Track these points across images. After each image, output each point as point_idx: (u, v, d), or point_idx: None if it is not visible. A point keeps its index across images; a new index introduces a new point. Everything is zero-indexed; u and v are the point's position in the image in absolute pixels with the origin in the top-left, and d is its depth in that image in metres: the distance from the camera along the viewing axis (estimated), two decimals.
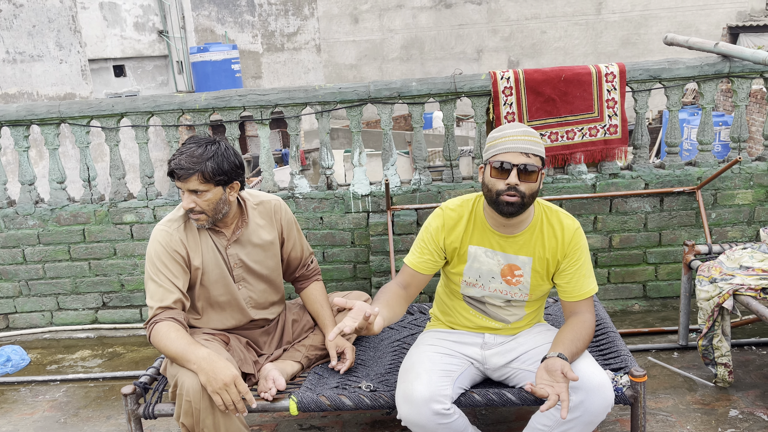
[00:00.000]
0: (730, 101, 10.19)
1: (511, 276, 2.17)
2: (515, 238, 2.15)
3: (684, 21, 17.61)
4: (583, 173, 3.74)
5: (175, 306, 2.21)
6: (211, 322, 2.40)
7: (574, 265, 2.14)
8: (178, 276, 2.25)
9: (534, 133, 2.05)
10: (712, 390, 2.81)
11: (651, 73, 3.60)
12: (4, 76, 8.93)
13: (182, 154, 2.19)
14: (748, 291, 2.60)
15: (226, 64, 13.31)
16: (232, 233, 2.38)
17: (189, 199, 2.21)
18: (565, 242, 2.14)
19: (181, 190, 2.23)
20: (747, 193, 3.70)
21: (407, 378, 2.07)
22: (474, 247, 2.18)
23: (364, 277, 3.93)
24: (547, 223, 2.17)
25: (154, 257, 2.26)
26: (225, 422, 2.07)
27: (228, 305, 2.40)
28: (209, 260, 2.33)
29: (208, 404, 2.03)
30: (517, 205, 2.03)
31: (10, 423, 3.01)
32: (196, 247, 2.31)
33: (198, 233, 2.32)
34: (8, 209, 4.00)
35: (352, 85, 3.73)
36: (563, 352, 1.96)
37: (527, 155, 2.00)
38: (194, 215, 2.24)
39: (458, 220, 2.20)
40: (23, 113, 3.86)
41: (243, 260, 2.39)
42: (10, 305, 4.13)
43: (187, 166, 2.17)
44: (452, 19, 20.56)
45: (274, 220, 2.47)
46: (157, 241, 2.27)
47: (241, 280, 2.41)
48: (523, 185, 2.01)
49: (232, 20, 14.85)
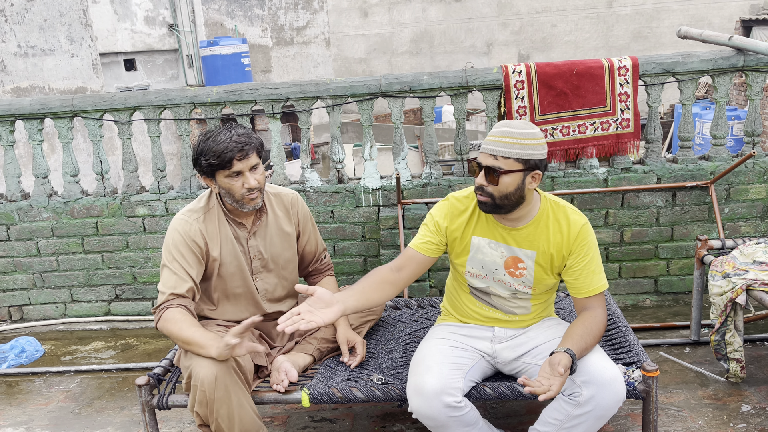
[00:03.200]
0: (743, 95, 10.09)
1: (515, 268, 2.17)
2: (519, 230, 2.15)
3: (696, 14, 17.43)
4: (594, 167, 3.73)
5: (187, 295, 2.23)
6: (226, 314, 2.42)
7: (582, 262, 2.13)
8: (193, 266, 2.26)
9: (518, 134, 2.01)
10: (724, 385, 2.80)
11: (664, 67, 3.58)
12: (16, 70, 8.98)
13: (229, 139, 2.17)
14: (761, 286, 2.58)
15: (235, 58, 13.31)
16: (252, 224, 2.39)
17: (252, 177, 2.22)
18: (571, 238, 2.13)
19: (231, 178, 2.20)
20: (761, 188, 3.67)
21: (418, 371, 2.08)
22: (478, 238, 2.19)
23: None
24: (553, 218, 2.15)
25: (171, 245, 2.27)
26: (239, 412, 2.09)
27: (243, 297, 2.42)
28: (228, 252, 2.34)
29: (222, 394, 2.05)
30: (488, 205, 2.08)
31: (24, 413, 3.05)
32: (216, 239, 2.32)
33: (218, 224, 2.33)
34: (22, 202, 4.04)
35: (363, 78, 3.73)
36: (572, 348, 1.96)
37: (495, 157, 2.02)
38: (253, 194, 2.24)
39: (463, 210, 2.21)
40: (37, 107, 3.89)
41: (262, 252, 2.41)
42: (25, 297, 4.17)
43: (245, 141, 2.18)
44: (462, 13, 20.45)
45: (291, 213, 2.49)
46: (176, 230, 2.28)
47: (259, 272, 2.42)
48: (491, 186, 2.04)
49: (241, 14, 14.85)
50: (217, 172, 2.22)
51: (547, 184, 3.72)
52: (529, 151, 2.01)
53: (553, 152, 3.67)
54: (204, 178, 2.29)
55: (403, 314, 2.89)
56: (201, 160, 2.22)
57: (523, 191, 2.05)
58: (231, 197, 2.27)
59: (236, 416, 2.08)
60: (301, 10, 15.87)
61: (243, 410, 2.10)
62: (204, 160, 2.21)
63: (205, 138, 2.24)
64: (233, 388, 2.07)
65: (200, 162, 2.23)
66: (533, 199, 2.14)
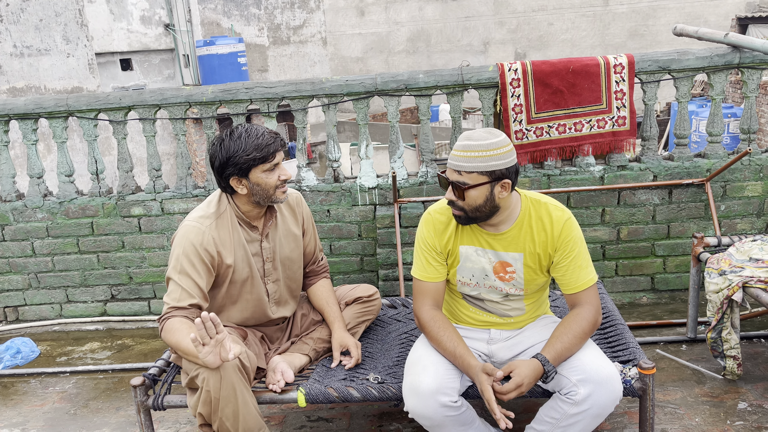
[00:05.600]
0: (739, 93, 10.10)
1: (504, 273, 2.16)
2: (503, 235, 2.13)
3: (692, 12, 17.45)
4: (591, 165, 3.72)
5: (190, 308, 2.19)
6: (232, 318, 2.41)
7: (568, 257, 2.11)
8: (203, 276, 2.21)
9: (479, 146, 1.99)
10: (721, 382, 2.80)
11: (660, 64, 3.58)
12: (11, 70, 8.95)
13: (264, 133, 2.20)
14: (757, 283, 2.58)
15: (232, 58, 13.28)
16: (264, 226, 2.37)
17: (286, 170, 2.25)
18: (555, 235, 2.10)
19: (268, 172, 2.21)
20: (757, 185, 3.67)
21: (414, 370, 2.07)
22: (465, 247, 2.18)
23: (371, 270, 3.94)
24: (535, 216, 2.13)
25: (181, 254, 2.20)
26: (243, 410, 2.08)
27: (252, 302, 2.40)
28: (240, 257, 2.31)
29: (228, 393, 2.04)
30: (462, 218, 2.09)
31: (20, 414, 3.04)
32: (229, 245, 2.28)
33: (231, 230, 2.29)
34: (17, 202, 4.02)
35: (359, 77, 3.72)
36: (547, 355, 1.98)
37: (459, 173, 2.01)
38: (285, 186, 2.28)
39: (447, 222, 2.19)
40: (31, 106, 3.87)
41: (275, 253, 2.39)
42: (20, 298, 4.16)
43: (276, 134, 2.22)
44: (458, 11, 20.46)
45: (296, 212, 2.48)
46: (188, 239, 2.21)
47: (270, 275, 2.40)
48: (460, 201, 2.04)
49: (238, 13, 14.82)
50: (254, 168, 2.19)
51: (543, 182, 3.72)
52: (493, 162, 1.98)
53: (549, 150, 3.67)
54: (233, 179, 2.22)
55: (400, 313, 2.88)
56: (237, 159, 2.16)
57: (493, 201, 2.03)
58: (263, 194, 2.23)
59: (241, 415, 2.08)
60: (298, 9, 15.84)
61: (247, 409, 2.09)
62: (244, 156, 2.16)
63: (229, 139, 2.19)
64: (239, 387, 2.06)
65: (236, 161, 2.17)
66: (512, 202, 2.11)
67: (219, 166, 2.20)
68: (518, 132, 3.62)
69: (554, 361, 1.98)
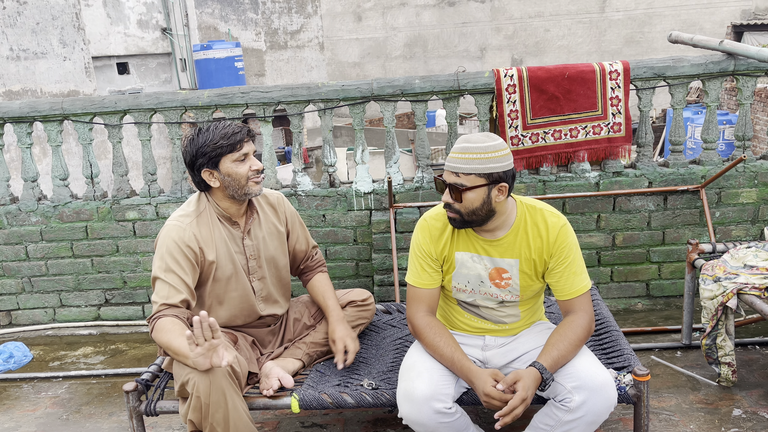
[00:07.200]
0: (734, 100, 10.15)
1: (500, 279, 2.16)
2: (499, 241, 2.13)
3: (688, 19, 17.53)
4: (586, 171, 3.73)
5: (181, 305, 2.20)
6: (220, 319, 2.40)
7: (563, 263, 2.11)
8: (188, 272, 2.24)
9: (477, 149, 1.99)
10: (716, 389, 2.80)
11: (655, 71, 3.59)
12: (8, 74, 8.93)
13: (230, 124, 2.26)
14: (752, 290, 2.59)
15: (229, 62, 13.29)
16: (245, 223, 2.39)
17: (257, 161, 2.29)
18: (551, 241, 2.11)
19: (238, 162, 2.25)
20: (751, 192, 3.68)
21: (408, 376, 2.07)
22: (460, 254, 2.17)
23: (367, 275, 3.93)
24: (531, 222, 2.13)
25: (165, 253, 2.23)
26: (234, 416, 2.07)
27: (239, 300, 2.40)
28: (223, 254, 2.33)
29: (218, 398, 2.03)
30: (457, 221, 2.09)
31: (12, 419, 3.02)
32: (210, 242, 2.30)
33: (211, 227, 2.32)
34: (11, 206, 4.00)
35: (355, 82, 3.72)
36: (544, 363, 1.97)
37: (457, 174, 2.02)
38: (259, 177, 2.30)
39: (443, 228, 2.19)
40: (26, 110, 3.86)
41: (258, 250, 2.40)
42: (13, 302, 4.13)
43: (243, 125, 2.27)
44: (455, 17, 20.51)
45: (278, 211, 2.51)
46: (170, 237, 2.25)
47: (255, 272, 2.41)
48: (456, 203, 2.04)
49: (235, 18, 14.83)
50: (223, 157, 2.24)
51: (538, 188, 3.72)
52: (491, 164, 1.99)
53: (545, 156, 3.67)
54: (205, 171, 2.26)
55: (395, 318, 2.88)
56: (206, 149, 2.22)
57: (490, 205, 2.03)
58: (236, 185, 2.26)
59: (231, 420, 2.07)
60: (295, 14, 15.87)
61: (238, 414, 2.08)
62: (212, 145, 2.22)
63: (197, 133, 2.27)
64: (229, 392, 2.05)
65: (204, 151, 2.23)
66: (507, 208, 2.11)
67: (190, 161, 2.28)
68: (514, 138, 3.63)
69: (551, 369, 1.98)
